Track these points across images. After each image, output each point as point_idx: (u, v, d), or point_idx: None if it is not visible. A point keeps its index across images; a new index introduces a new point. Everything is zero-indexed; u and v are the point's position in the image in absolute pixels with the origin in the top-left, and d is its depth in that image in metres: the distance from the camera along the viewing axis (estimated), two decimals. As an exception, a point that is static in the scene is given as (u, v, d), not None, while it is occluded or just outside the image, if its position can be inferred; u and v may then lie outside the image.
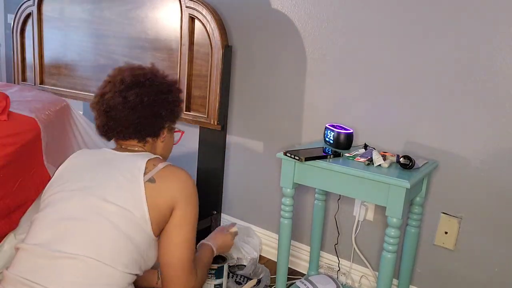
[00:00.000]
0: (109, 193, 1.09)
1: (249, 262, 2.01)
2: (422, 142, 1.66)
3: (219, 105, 1.93)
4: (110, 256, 1.05)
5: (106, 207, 1.07)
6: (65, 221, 1.07)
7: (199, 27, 1.95)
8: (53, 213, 1.10)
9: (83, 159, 1.22)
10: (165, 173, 1.16)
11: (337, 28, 1.79)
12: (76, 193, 1.11)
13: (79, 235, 1.06)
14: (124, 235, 1.06)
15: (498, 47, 1.48)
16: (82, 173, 1.16)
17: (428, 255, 1.73)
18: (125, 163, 1.16)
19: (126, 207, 1.08)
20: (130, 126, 1.20)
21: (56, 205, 1.11)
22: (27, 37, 2.66)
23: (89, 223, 1.06)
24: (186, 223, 1.16)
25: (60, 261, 1.03)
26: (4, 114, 1.61)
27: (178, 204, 1.14)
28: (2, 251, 1.51)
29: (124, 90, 1.18)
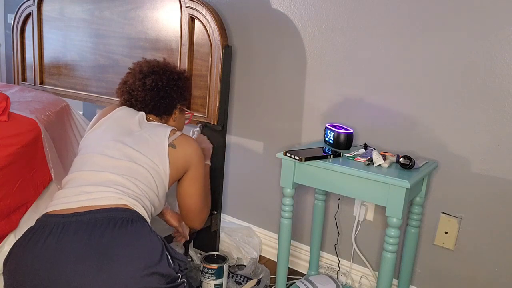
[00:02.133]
0: (142, 149, 1.35)
1: (249, 262, 2.01)
2: (422, 142, 1.66)
3: (219, 105, 1.93)
4: (143, 187, 1.30)
5: (140, 157, 1.33)
6: (110, 158, 1.31)
7: (199, 27, 1.95)
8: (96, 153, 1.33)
9: (123, 117, 1.46)
10: (183, 140, 1.45)
11: (337, 28, 1.79)
12: (117, 143, 1.36)
13: (121, 166, 1.30)
14: (152, 178, 1.33)
15: (498, 47, 1.48)
16: (121, 130, 1.41)
17: (428, 255, 1.73)
18: (154, 129, 1.44)
19: (154, 161, 1.34)
20: (149, 104, 1.50)
21: (98, 147, 1.35)
22: (27, 37, 2.66)
23: (129, 162, 1.31)
24: (198, 178, 1.49)
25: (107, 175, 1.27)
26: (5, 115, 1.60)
27: (191, 166, 1.46)
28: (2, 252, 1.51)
29: (143, 78, 1.50)
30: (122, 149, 1.33)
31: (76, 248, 1.09)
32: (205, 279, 1.75)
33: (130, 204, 1.22)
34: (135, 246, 1.12)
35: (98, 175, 1.27)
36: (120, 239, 1.11)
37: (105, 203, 1.19)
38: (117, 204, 1.20)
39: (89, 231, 1.12)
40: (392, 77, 1.69)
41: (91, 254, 1.08)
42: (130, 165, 1.30)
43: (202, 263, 1.76)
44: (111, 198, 1.21)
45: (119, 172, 1.28)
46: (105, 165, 1.29)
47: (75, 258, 1.07)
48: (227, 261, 1.79)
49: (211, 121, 1.96)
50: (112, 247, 1.10)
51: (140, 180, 1.30)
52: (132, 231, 1.15)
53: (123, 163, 1.30)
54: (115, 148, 1.33)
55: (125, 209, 1.20)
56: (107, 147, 1.34)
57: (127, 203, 1.22)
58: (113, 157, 1.31)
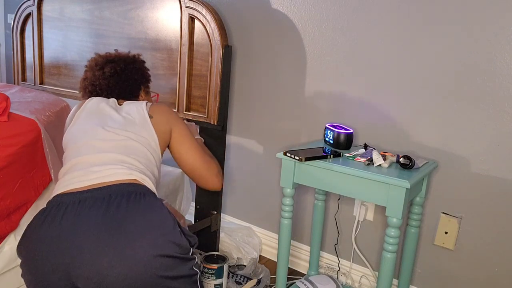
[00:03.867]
0: (129, 127, 1.39)
1: (249, 262, 2.01)
2: (422, 142, 1.66)
3: (219, 105, 1.93)
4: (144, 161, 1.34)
5: (129, 135, 1.36)
6: (103, 141, 1.34)
7: (199, 27, 1.95)
8: (87, 139, 1.36)
9: (97, 105, 1.47)
10: (154, 109, 1.48)
11: (337, 28, 1.79)
12: (102, 127, 1.38)
13: (118, 146, 1.33)
14: (148, 151, 1.37)
15: (498, 47, 1.48)
16: (101, 115, 1.43)
17: (428, 255, 1.73)
18: (130, 108, 1.46)
19: (142, 135, 1.38)
20: (114, 90, 1.53)
21: (86, 135, 1.37)
22: (27, 37, 2.66)
23: (124, 140, 1.34)
24: (185, 135, 1.50)
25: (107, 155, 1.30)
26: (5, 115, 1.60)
27: (173, 127, 1.48)
28: (2, 252, 1.51)
29: (100, 69, 1.54)
30: (111, 131, 1.36)
31: (95, 221, 1.12)
32: (205, 279, 1.76)
33: (139, 178, 1.27)
34: (150, 217, 1.17)
35: (100, 156, 1.30)
36: (135, 211, 1.17)
37: (116, 178, 1.24)
38: (127, 179, 1.25)
39: (105, 205, 1.16)
40: (392, 77, 1.69)
41: (110, 226, 1.12)
42: (125, 143, 1.34)
43: (202, 263, 1.76)
44: (121, 173, 1.25)
45: (118, 151, 1.31)
46: (103, 147, 1.32)
47: (95, 230, 1.11)
48: (227, 261, 1.79)
49: (211, 121, 1.96)
50: (129, 218, 1.14)
51: (139, 155, 1.34)
52: (145, 204, 1.20)
53: (118, 143, 1.33)
54: (104, 132, 1.36)
55: (136, 184, 1.25)
56: (97, 133, 1.36)
57: (136, 178, 1.26)
58: (106, 139, 1.34)
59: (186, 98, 2.03)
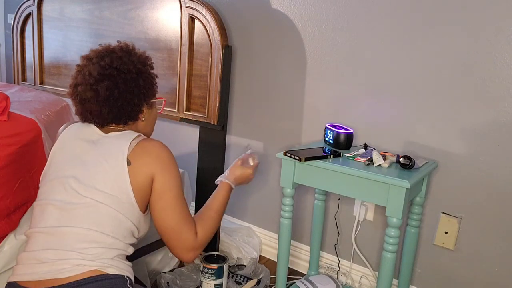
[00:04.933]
0: (97, 182, 1.16)
1: (249, 262, 2.01)
2: (422, 142, 1.66)
3: (219, 105, 1.93)
4: (110, 229, 1.15)
5: (98, 194, 1.15)
6: (66, 204, 1.16)
7: (199, 27, 1.95)
8: (52, 201, 1.19)
9: (73, 141, 1.27)
10: (137, 150, 1.20)
11: (337, 28, 1.79)
12: (70, 181, 1.18)
13: (80, 215, 1.14)
14: (118, 213, 1.15)
15: (498, 47, 1.48)
16: (73, 159, 1.22)
17: (428, 255, 1.73)
18: (110, 147, 1.20)
19: (113, 194, 1.15)
20: (107, 117, 1.24)
21: (53, 193, 1.20)
22: (27, 37, 2.66)
23: (88, 206, 1.15)
24: (166, 190, 1.20)
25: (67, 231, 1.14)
26: (4, 115, 1.60)
27: (155, 176, 1.19)
28: (2, 252, 1.51)
29: (95, 84, 1.20)
30: (76, 189, 1.17)
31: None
32: (205, 279, 1.75)
33: (98, 267, 1.10)
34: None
35: (57, 232, 1.14)
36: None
37: (70, 274, 1.09)
38: (84, 273, 1.09)
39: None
40: (392, 77, 1.69)
41: None
42: (88, 210, 1.15)
43: (202, 263, 1.76)
44: (75, 268, 1.09)
45: (79, 223, 1.14)
46: (62, 218, 1.16)
47: None
48: (227, 261, 1.79)
49: (211, 121, 1.96)
50: None
51: (106, 223, 1.15)
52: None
53: (81, 209, 1.15)
54: (69, 190, 1.17)
55: (98, 276, 1.10)
56: (60, 191, 1.19)
57: (97, 267, 1.10)
58: (70, 202, 1.16)
59: (186, 98, 2.03)
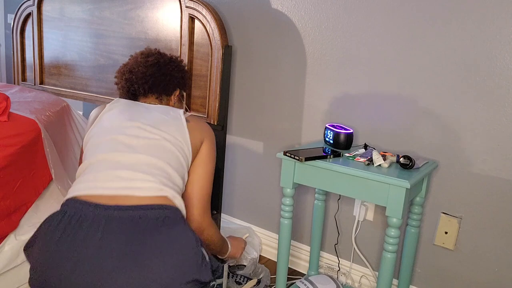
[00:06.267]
0: (161, 126, 1.30)
1: (249, 262, 2.01)
2: (422, 142, 1.66)
3: (219, 105, 1.93)
4: (175, 166, 1.26)
5: (162, 134, 1.28)
6: (132, 138, 1.26)
7: (199, 27, 1.95)
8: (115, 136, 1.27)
9: (124, 106, 1.39)
10: (194, 117, 1.42)
11: (337, 28, 1.79)
12: (131, 125, 1.29)
13: (148, 145, 1.25)
14: (180, 155, 1.28)
15: (498, 47, 1.48)
16: (130, 116, 1.33)
17: (428, 255, 1.73)
18: (166, 109, 1.39)
19: (176, 137, 1.30)
20: (149, 80, 1.45)
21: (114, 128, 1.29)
22: (27, 37, 2.66)
23: (155, 141, 1.26)
24: (210, 160, 1.39)
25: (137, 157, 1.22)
26: (5, 115, 1.61)
27: (205, 141, 1.38)
28: (2, 252, 1.51)
29: (145, 57, 1.49)
30: (142, 128, 1.28)
31: (119, 249, 1.06)
32: (205, 279, 1.75)
33: (170, 195, 1.19)
34: (177, 254, 1.11)
35: (129, 156, 1.21)
36: (162, 245, 1.09)
37: (146, 194, 1.16)
38: (158, 196, 1.17)
39: (132, 232, 1.09)
40: (392, 77, 1.69)
41: (133, 257, 1.06)
42: (157, 143, 1.25)
43: None
44: (152, 188, 1.17)
45: (149, 152, 1.23)
46: (133, 145, 1.24)
47: (120, 258, 1.06)
48: (227, 261, 1.79)
49: (211, 121, 1.96)
50: (154, 253, 1.08)
51: (171, 159, 1.25)
52: (174, 236, 1.12)
53: (150, 141, 1.25)
54: (134, 127, 1.28)
55: (166, 206, 1.16)
56: (126, 128, 1.28)
57: (167, 195, 1.18)
58: (136, 136, 1.25)
59: (186, 98, 2.03)
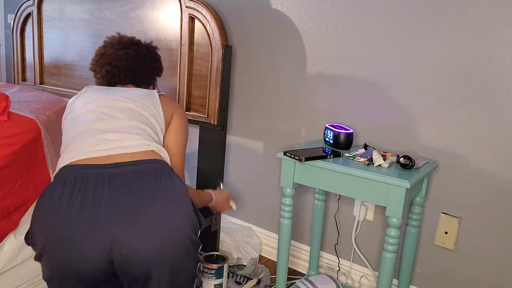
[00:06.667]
0: (135, 97, 1.36)
1: (249, 262, 2.01)
2: (422, 142, 1.66)
3: (219, 105, 1.93)
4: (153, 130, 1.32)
5: (138, 105, 1.34)
6: (108, 109, 1.31)
7: (199, 27, 1.95)
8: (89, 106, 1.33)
9: (96, 90, 1.44)
10: (165, 96, 1.47)
11: (337, 28, 1.79)
12: (104, 98, 1.35)
13: (126, 113, 1.30)
14: (156, 122, 1.34)
15: (498, 47, 1.48)
16: (102, 92, 1.39)
17: (428, 255, 1.73)
18: (138, 90, 1.44)
19: (149, 106, 1.35)
20: (130, 72, 1.50)
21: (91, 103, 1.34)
22: (27, 37, 2.66)
23: (131, 109, 1.32)
24: (183, 131, 1.45)
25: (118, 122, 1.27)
26: (4, 115, 1.60)
27: (175, 114, 1.43)
28: (2, 251, 1.51)
29: (124, 48, 1.51)
30: (118, 99, 1.33)
31: (129, 201, 1.13)
32: (205, 279, 1.75)
33: (156, 150, 1.26)
34: (181, 203, 1.20)
35: (111, 122, 1.26)
36: (166, 192, 1.18)
37: (136, 150, 1.22)
38: (147, 151, 1.24)
39: (136, 184, 1.16)
40: (392, 77, 1.69)
41: (143, 208, 1.13)
42: (133, 110, 1.31)
43: (202, 263, 1.75)
44: (140, 145, 1.23)
45: (128, 117, 1.29)
46: (111, 114, 1.29)
47: (130, 212, 1.12)
48: (227, 261, 1.79)
49: (211, 121, 1.96)
50: (161, 200, 1.16)
51: (147, 122, 1.32)
52: (174, 186, 1.21)
53: (127, 110, 1.31)
54: (110, 100, 1.33)
55: (158, 160, 1.24)
56: (102, 101, 1.33)
57: (154, 149, 1.25)
58: (114, 106, 1.31)
59: (186, 98, 2.03)
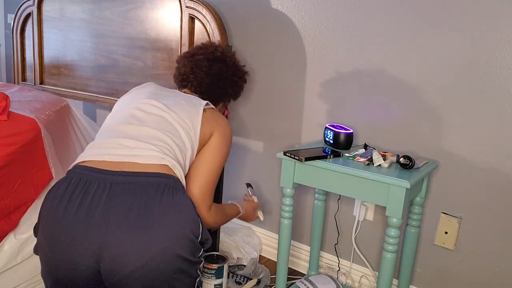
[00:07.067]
0: (174, 107, 1.34)
1: (249, 262, 2.01)
2: (422, 142, 1.66)
3: (219, 105, 1.93)
4: (179, 142, 1.29)
5: (172, 114, 1.32)
6: (142, 113, 1.32)
7: (199, 27, 1.95)
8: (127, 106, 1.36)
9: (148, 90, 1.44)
10: (212, 110, 1.43)
11: (337, 28, 1.79)
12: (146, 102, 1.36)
13: (155, 121, 1.30)
14: (185, 136, 1.31)
15: (498, 47, 1.48)
16: (148, 95, 1.39)
17: (428, 255, 1.73)
18: (188, 97, 1.42)
19: (184, 120, 1.32)
20: (203, 86, 1.50)
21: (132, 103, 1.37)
22: (27, 37, 2.66)
23: (162, 118, 1.31)
24: (218, 153, 1.38)
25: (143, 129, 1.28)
26: (4, 114, 1.61)
27: (215, 133, 1.38)
28: (2, 251, 1.51)
29: (212, 60, 1.51)
30: (156, 106, 1.33)
31: (123, 212, 1.13)
32: (205, 279, 1.75)
33: (170, 165, 1.22)
34: (179, 218, 1.17)
35: (137, 128, 1.28)
36: (163, 210, 1.15)
37: (148, 162, 1.21)
38: (159, 164, 1.21)
39: (135, 196, 1.15)
40: (392, 77, 1.69)
41: (136, 221, 1.12)
42: (165, 120, 1.31)
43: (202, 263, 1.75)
44: (153, 157, 1.22)
45: (156, 126, 1.28)
46: (143, 119, 1.31)
47: (126, 220, 1.12)
48: (227, 261, 1.79)
49: (211, 121, 1.96)
50: (155, 217, 1.14)
51: (174, 135, 1.29)
52: (175, 203, 1.18)
53: (159, 118, 1.31)
54: (150, 105, 1.34)
55: (167, 175, 1.20)
56: (143, 104, 1.35)
57: (167, 164, 1.22)
58: (150, 113, 1.32)
59: (186, 98, 2.03)
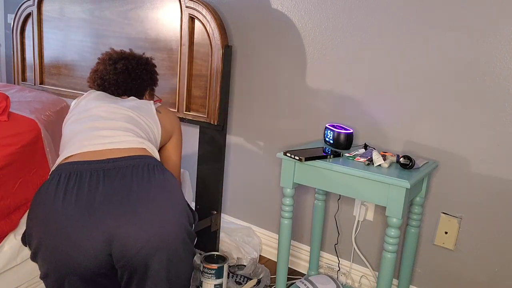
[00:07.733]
0: (135, 110, 1.40)
1: (249, 262, 2.01)
2: (422, 142, 1.66)
3: (219, 105, 1.93)
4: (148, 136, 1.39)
5: (135, 113, 1.39)
6: (107, 113, 1.37)
7: (199, 27, 1.95)
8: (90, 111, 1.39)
9: (98, 94, 1.51)
10: (164, 109, 1.56)
11: (337, 28, 1.79)
12: (105, 104, 1.40)
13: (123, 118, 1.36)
14: (151, 132, 1.40)
15: (498, 47, 1.48)
16: (104, 100, 1.45)
17: (428, 255, 1.73)
18: (136, 101, 1.50)
19: (148, 120, 1.41)
20: (121, 86, 1.56)
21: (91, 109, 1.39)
22: (27, 37, 2.66)
23: (128, 115, 1.37)
24: (179, 147, 1.58)
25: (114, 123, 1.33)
26: (4, 115, 1.61)
27: (175, 133, 1.55)
28: (2, 252, 1.51)
29: (113, 63, 1.57)
30: (118, 107, 1.39)
31: (124, 194, 1.16)
32: (205, 279, 1.75)
33: (148, 148, 1.31)
34: (174, 192, 1.25)
35: (109, 122, 1.33)
36: (160, 185, 1.22)
37: (129, 146, 1.27)
38: (140, 148, 1.29)
39: (130, 177, 1.20)
40: (392, 77, 1.69)
41: (138, 200, 1.17)
42: (131, 117, 1.37)
43: (202, 263, 1.76)
44: (133, 141, 1.29)
45: (125, 120, 1.35)
46: (111, 116, 1.35)
47: (125, 204, 1.15)
48: (227, 261, 1.79)
49: (211, 121, 1.96)
50: (156, 192, 1.20)
51: (143, 129, 1.37)
52: (168, 179, 1.25)
53: (125, 116, 1.37)
54: (112, 107, 1.39)
55: (150, 156, 1.28)
56: (103, 106, 1.39)
57: (146, 147, 1.31)
58: (114, 112, 1.37)
59: (186, 98, 2.03)
